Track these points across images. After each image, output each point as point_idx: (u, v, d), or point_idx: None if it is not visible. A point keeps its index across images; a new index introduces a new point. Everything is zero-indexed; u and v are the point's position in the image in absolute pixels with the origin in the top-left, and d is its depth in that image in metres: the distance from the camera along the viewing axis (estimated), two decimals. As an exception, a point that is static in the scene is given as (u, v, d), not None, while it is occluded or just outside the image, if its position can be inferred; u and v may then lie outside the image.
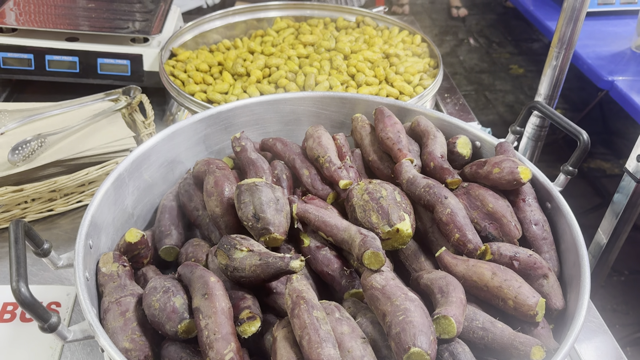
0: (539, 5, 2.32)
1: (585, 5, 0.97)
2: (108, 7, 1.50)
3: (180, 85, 1.30)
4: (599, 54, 1.95)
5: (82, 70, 1.37)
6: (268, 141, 1.01)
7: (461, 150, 0.93)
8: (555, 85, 1.08)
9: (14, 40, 1.35)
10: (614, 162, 3.12)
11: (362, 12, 1.61)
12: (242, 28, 1.60)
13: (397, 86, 1.28)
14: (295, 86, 1.26)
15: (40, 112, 1.12)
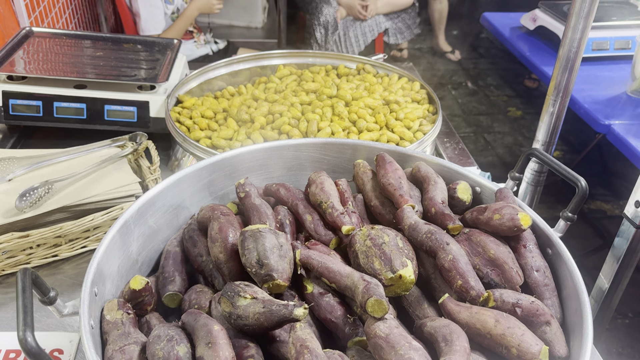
0: (535, 51, 2.38)
1: (579, 54, 1.01)
2: (116, 55, 1.55)
3: (186, 132, 1.32)
4: (595, 99, 1.99)
5: (89, 117, 1.40)
6: (271, 187, 1.03)
7: (462, 196, 0.95)
8: (553, 131, 1.10)
9: (24, 87, 1.38)
10: (614, 203, 3.14)
11: (362, 59, 1.66)
12: (246, 75, 1.65)
13: (397, 132, 1.31)
14: (298, 132, 1.29)
15: (48, 158, 1.14)
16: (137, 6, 2.45)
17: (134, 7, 2.48)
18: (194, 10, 2.55)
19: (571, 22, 0.97)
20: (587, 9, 0.95)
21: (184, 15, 2.54)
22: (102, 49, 1.58)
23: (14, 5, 1.99)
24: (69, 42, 1.60)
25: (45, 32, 1.61)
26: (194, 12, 2.56)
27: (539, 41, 2.45)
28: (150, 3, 2.45)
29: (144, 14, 2.46)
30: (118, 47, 1.60)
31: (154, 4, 2.46)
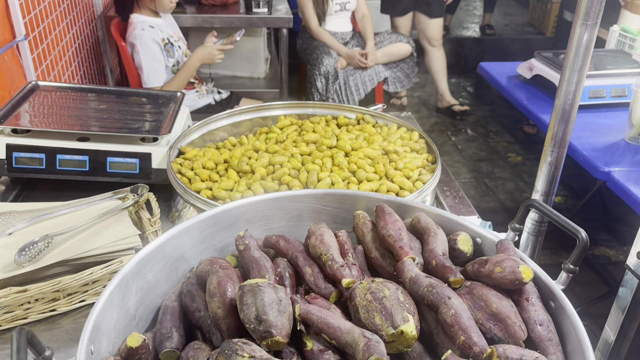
0: (532, 99, 2.42)
1: (575, 106, 1.02)
2: (120, 108, 1.58)
3: (187, 183, 1.33)
4: (593, 146, 2.01)
5: (92, 169, 1.41)
6: (271, 238, 1.03)
7: (462, 247, 0.94)
8: (552, 181, 1.10)
9: (28, 140, 1.40)
10: (618, 249, 3.11)
11: (362, 110, 1.69)
12: (248, 125, 1.67)
13: (397, 182, 1.32)
14: (298, 183, 1.30)
15: (49, 212, 1.14)
16: (140, 59, 2.52)
17: (137, 60, 2.55)
18: (195, 61, 2.62)
19: (565, 75, 0.99)
20: (580, 62, 0.97)
21: (185, 66, 2.61)
22: (107, 101, 1.62)
23: (22, 59, 2.04)
24: (74, 96, 1.64)
25: (51, 85, 1.65)
26: (195, 63, 2.62)
27: (536, 89, 2.50)
28: (152, 56, 2.51)
29: (146, 67, 2.52)
30: (122, 100, 1.64)
31: (156, 57, 2.52)
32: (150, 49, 2.50)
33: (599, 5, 0.92)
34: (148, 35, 2.49)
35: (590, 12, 0.92)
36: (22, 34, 2.01)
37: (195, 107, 2.85)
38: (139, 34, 2.48)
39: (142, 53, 2.50)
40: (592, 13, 0.92)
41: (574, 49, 0.97)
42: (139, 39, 2.48)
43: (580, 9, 0.93)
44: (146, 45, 2.49)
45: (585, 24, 0.94)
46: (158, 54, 2.53)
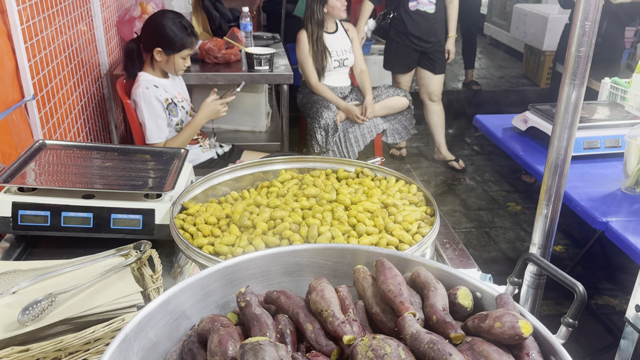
0: (528, 150, 2.46)
1: (567, 160, 1.05)
2: (124, 165, 1.61)
3: (189, 239, 1.35)
4: (590, 196, 2.03)
5: (96, 226, 1.44)
6: (272, 294, 1.03)
7: (462, 302, 0.95)
8: (548, 234, 1.12)
9: (33, 198, 1.43)
10: (622, 297, 3.08)
11: (361, 163, 1.72)
12: (249, 180, 1.70)
13: (396, 235, 1.34)
14: (299, 237, 1.31)
15: (52, 270, 1.16)
16: (143, 116, 2.58)
17: (140, 117, 2.61)
18: (202, 119, 2.70)
19: (556, 132, 1.03)
20: (570, 119, 1.01)
21: (191, 124, 2.67)
22: (111, 159, 1.66)
23: (29, 118, 2.10)
24: (80, 154, 1.68)
25: (57, 144, 1.69)
26: (202, 121, 2.70)
27: (531, 141, 2.55)
28: (155, 114, 2.58)
29: (149, 124, 2.58)
30: (127, 157, 1.68)
31: (158, 114, 2.59)
32: (153, 106, 2.57)
33: (585, 66, 0.96)
34: (151, 94, 2.57)
35: (577, 72, 0.96)
36: (31, 94, 2.08)
37: (199, 161, 2.90)
38: (142, 92, 2.55)
39: (145, 110, 2.56)
40: (579, 73, 0.97)
41: (563, 106, 1.01)
42: (143, 97, 2.56)
43: (568, 70, 0.98)
44: (149, 102, 2.56)
45: (573, 83, 0.98)
46: (160, 111, 2.59)
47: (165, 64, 2.62)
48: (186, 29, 2.57)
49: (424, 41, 4.17)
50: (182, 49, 2.57)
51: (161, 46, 2.54)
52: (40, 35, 2.24)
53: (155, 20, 2.55)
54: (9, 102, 1.93)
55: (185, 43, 2.56)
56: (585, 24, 0.94)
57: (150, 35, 2.56)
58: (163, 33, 2.52)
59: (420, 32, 4.12)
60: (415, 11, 4.07)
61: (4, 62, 1.93)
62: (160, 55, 2.57)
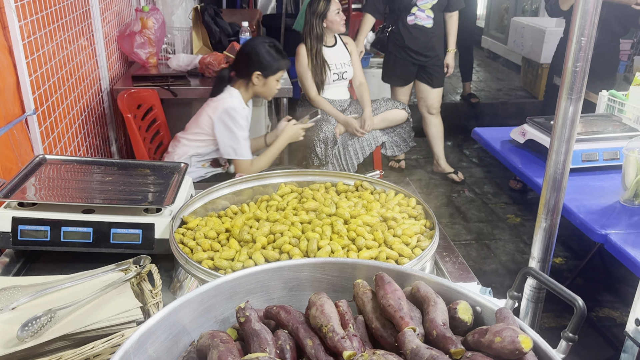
0: (527, 163, 2.47)
1: (565, 174, 1.06)
2: (124, 180, 1.62)
3: (189, 253, 1.35)
4: (589, 208, 2.04)
5: (95, 240, 1.44)
6: (272, 309, 1.03)
7: (462, 317, 0.95)
8: (547, 248, 1.12)
9: (33, 213, 1.43)
10: (623, 310, 3.07)
11: (360, 177, 1.73)
12: (249, 193, 1.71)
13: (395, 249, 1.34)
14: (298, 251, 1.31)
15: (52, 285, 1.16)
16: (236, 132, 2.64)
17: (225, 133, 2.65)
18: (285, 140, 2.87)
19: (554, 146, 1.04)
20: (567, 134, 1.02)
21: (276, 144, 2.83)
22: (111, 174, 1.66)
23: (30, 133, 2.11)
24: (80, 168, 1.69)
25: (57, 159, 1.70)
26: (284, 142, 2.87)
27: (529, 153, 2.56)
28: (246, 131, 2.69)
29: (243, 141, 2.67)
30: (127, 172, 1.68)
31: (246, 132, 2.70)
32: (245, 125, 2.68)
33: (582, 81, 0.97)
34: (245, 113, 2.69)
35: (573, 87, 0.97)
36: (32, 109, 2.09)
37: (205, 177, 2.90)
38: (240, 109, 2.65)
39: (241, 126, 2.65)
40: (576, 88, 0.98)
41: (561, 120, 1.02)
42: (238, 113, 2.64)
43: (565, 85, 0.99)
44: (245, 119, 2.68)
45: (570, 97, 0.99)
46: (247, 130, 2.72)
47: (262, 87, 2.73)
48: (281, 53, 2.76)
49: (422, 55, 4.20)
50: (278, 71, 2.73)
51: (260, 70, 2.68)
52: (42, 51, 2.25)
53: (252, 47, 2.71)
54: (9, 116, 1.94)
55: (280, 65, 2.74)
56: (582, 39, 0.95)
57: (248, 61, 2.70)
58: (261, 58, 2.68)
59: (418, 46, 4.15)
60: (413, 25, 4.10)
61: (4, 77, 1.94)
62: (259, 79, 2.70)
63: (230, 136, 2.65)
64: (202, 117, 2.72)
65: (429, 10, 4.07)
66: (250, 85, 2.72)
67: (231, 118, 2.63)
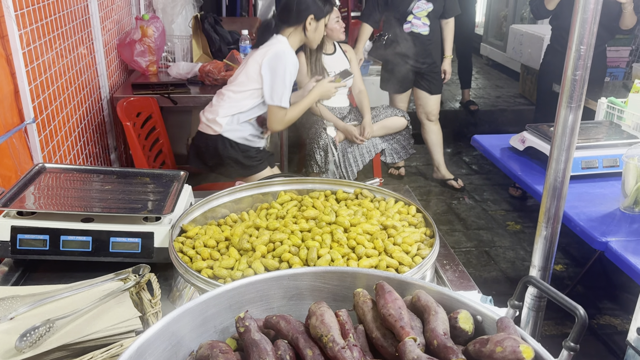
0: (526, 170, 2.47)
1: (565, 183, 1.06)
2: (123, 188, 1.61)
3: (188, 262, 1.35)
4: (589, 216, 2.03)
5: (94, 249, 1.43)
6: (272, 319, 1.03)
7: (463, 326, 0.95)
8: (548, 256, 1.12)
9: (32, 222, 1.43)
10: (624, 317, 3.06)
11: (359, 185, 1.73)
12: (249, 202, 1.70)
13: (396, 257, 1.33)
14: (298, 260, 1.31)
15: (51, 295, 1.15)
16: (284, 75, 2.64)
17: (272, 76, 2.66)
18: (316, 95, 2.90)
19: (554, 154, 1.04)
20: (567, 142, 1.02)
21: (309, 97, 2.85)
22: (111, 182, 1.66)
23: (29, 141, 2.11)
24: (79, 177, 1.68)
25: (57, 167, 1.70)
26: (316, 97, 2.91)
27: (529, 160, 2.56)
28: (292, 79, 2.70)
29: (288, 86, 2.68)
30: (126, 180, 1.68)
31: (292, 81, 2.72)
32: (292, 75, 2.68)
33: (581, 90, 0.97)
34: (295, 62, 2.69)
35: (573, 95, 0.97)
36: (31, 117, 2.09)
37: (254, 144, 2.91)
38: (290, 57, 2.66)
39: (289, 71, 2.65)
40: (575, 96, 0.98)
41: (560, 129, 1.02)
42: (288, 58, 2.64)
43: (564, 93, 0.99)
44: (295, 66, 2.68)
45: (570, 106, 0.99)
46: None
47: (313, 32, 2.76)
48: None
49: (419, 62, 4.21)
50: (327, 14, 2.78)
51: (313, 13, 2.71)
52: (41, 59, 2.26)
53: None
54: (8, 125, 1.94)
55: (329, 8, 2.79)
56: (581, 47, 0.95)
57: (301, 5, 2.71)
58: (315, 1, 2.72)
59: (415, 53, 4.17)
60: (409, 33, 4.12)
61: (2, 86, 1.94)
62: (311, 24, 2.73)
63: (277, 80, 2.65)
64: (249, 65, 2.70)
65: (424, 17, 4.09)
66: (299, 31, 2.74)
67: (282, 62, 2.64)
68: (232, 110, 2.72)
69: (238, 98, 2.72)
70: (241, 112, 2.73)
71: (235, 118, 2.74)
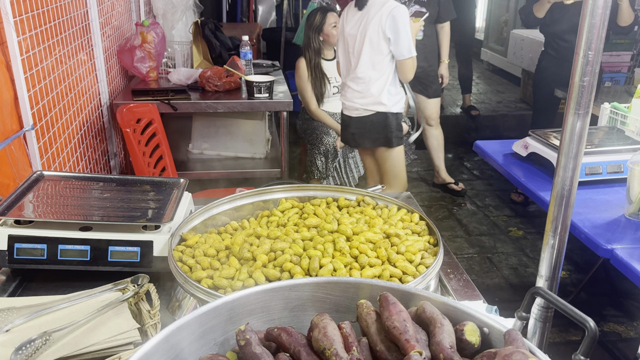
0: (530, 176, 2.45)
1: (573, 191, 1.04)
2: (122, 196, 1.59)
3: (188, 272, 1.32)
4: (594, 223, 2.01)
5: (93, 258, 1.41)
6: (273, 331, 1.01)
7: (470, 338, 0.92)
8: (555, 266, 1.10)
9: (30, 231, 1.41)
10: (628, 324, 3.03)
11: (362, 192, 1.70)
12: (249, 209, 1.68)
13: (399, 266, 1.31)
14: (300, 269, 1.29)
15: (48, 306, 1.13)
16: None
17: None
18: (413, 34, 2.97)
19: (561, 162, 1.02)
20: (575, 150, 1.00)
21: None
22: (110, 190, 1.64)
23: (28, 148, 2.09)
24: (78, 185, 1.66)
25: (55, 175, 1.68)
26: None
27: (532, 166, 2.54)
28: None
29: None
30: (125, 188, 1.66)
31: None
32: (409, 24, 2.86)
33: (589, 96, 0.95)
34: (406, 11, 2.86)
35: (581, 102, 0.95)
36: (30, 124, 2.07)
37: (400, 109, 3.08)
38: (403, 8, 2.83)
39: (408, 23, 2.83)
40: (583, 103, 0.96)
41: (568, 136, 0.99)
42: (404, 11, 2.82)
43: (572, 100, 0.97)
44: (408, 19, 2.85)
45: (577, 113, 0.97)
46: None
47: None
48: None
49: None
50: None
51: None
52: (40, 66, 2.24)
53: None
54: (7, 132, 1.92)
55: None
56: (589, 53, 0.93)
57: None
58: None
59: None
60: None
61: (2, 92, 1.92)
62: None
63: (402, 35, 2.77)
64: (369, 38, 2.83)
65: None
66: None
67: (400, 17, 2.75)
68: (381, 83, 2.90)
69: (377, 75, 2.88)
70: (388, 80, 2.91)
71: (387, 90, 2.92)
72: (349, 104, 3.04)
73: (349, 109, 3.06)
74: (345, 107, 3.11)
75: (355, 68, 2.93)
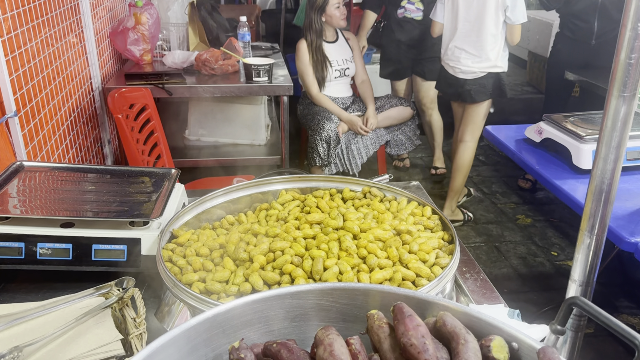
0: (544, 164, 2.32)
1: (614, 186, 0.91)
2: (108, 189, 1.47)
3: (178, 274, 1.20)
4: (615, 213, 1.88)
5: (75, 258, 1.29)
6: (271, 347, 0.89)
7: (497, 356, 0.80)
8: (591, 270, 0.97)
9: (6, 228, 1.28)
10: (643, 317, 2.93)
11: (368, 182, 1.57)
12: (247, 201, 1.56)
13: (412, 268, 1.19)
14: (301, 272, 1.16)
15: (20, 316, 1.01)
16: None
17: None
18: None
19: (601, 153, 0.89)
20: (618, 139, 0.87)
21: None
22: (95, 182, 1.51)
23: (11, 137, 1.96)
24: (61, 176, 1.54)
25: (36, 166, 1.55)
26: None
27: (546, 153, 2.41)
28: None
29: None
30: (112, 180, 1.53)
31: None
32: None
33: (637, 75, 0.82)
34: None
35: (627, 83, 0.82)
36: (13, 110, 1.94)
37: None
38: None
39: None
40: (630, 84, 0.82)
41: (610, 123, 0.86)
42: None
43: (616, 80, 0.83)
44: None
45: (623, 95, 0.83)
46: None
47: None
48: None
49: (413, 48, 4.08)
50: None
51: None
52: (24, 47, 2.10)
53: None
54: (-13, 119, 1.79)
55: None
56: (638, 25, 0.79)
57: None
58: None
59: (409, 39, 4.03)
60: (402, 18, 4.00)
61: (-19, 76, 1.79)
62: None
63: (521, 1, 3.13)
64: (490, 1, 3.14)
65: (418, 2, 3.95)
66: None
67: None
68: (498, 48, 3.32)
69: (498, 35, 3.24)
70: (503, 44, 3.33)
71: (501, 54, 3.37)
72: (463, 67, 3.37)
73: (465, 73, 3.40)
74: (456, 69, 3.42)
75: (470, 34, 3.26)
